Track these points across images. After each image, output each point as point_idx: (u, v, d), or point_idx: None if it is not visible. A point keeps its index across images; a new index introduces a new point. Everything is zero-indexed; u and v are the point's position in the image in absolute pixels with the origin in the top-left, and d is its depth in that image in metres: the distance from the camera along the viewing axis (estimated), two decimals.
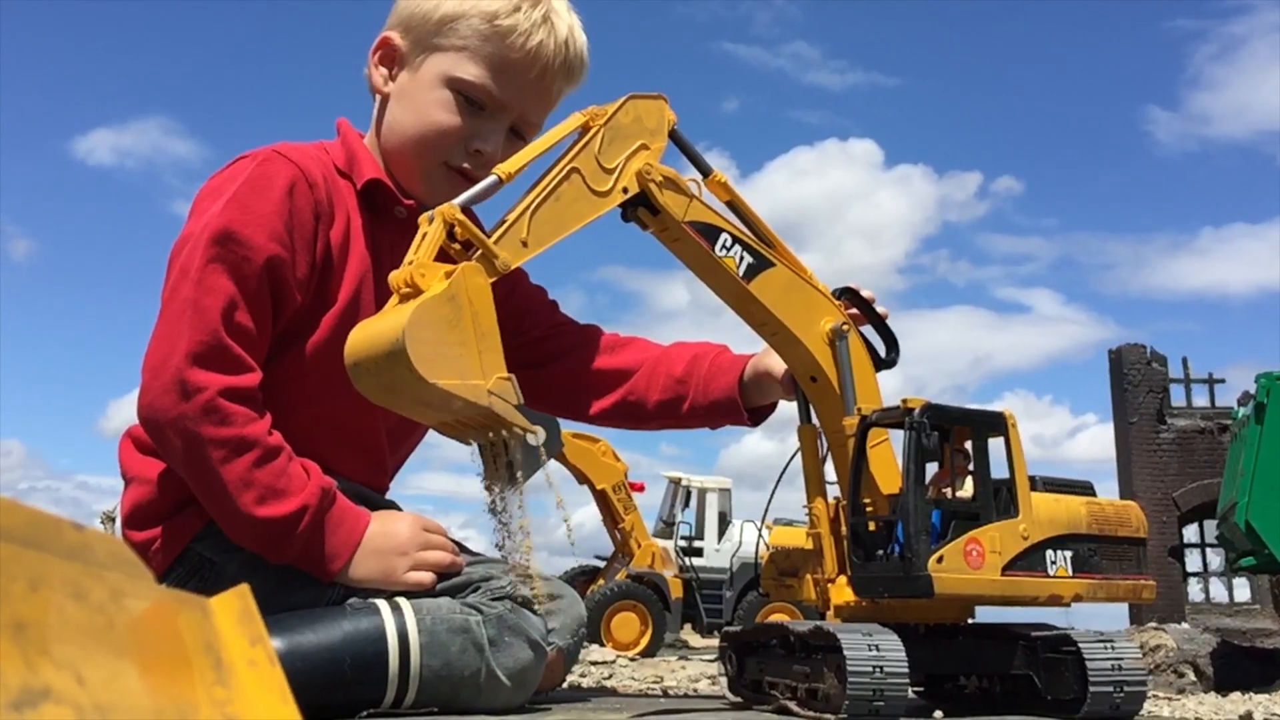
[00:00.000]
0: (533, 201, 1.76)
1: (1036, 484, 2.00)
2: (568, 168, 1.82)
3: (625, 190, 1.86)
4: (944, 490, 1.95)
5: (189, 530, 1.94)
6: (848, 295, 2.11)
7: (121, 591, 0.44)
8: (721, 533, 16.89)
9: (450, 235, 1.67)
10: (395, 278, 1.62)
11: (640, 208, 1.90)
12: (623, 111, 1.90)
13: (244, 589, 0.56)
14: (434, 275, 1.61)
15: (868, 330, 2.12)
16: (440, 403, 1.59)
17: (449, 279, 1.60)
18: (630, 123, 1.90)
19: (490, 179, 1.79)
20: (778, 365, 2.23)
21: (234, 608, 0.54)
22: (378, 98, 2.20)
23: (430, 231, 1.66)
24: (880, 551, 1.91)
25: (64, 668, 0.38)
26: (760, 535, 2.34)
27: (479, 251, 1.66)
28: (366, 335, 1.61)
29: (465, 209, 1.68)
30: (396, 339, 1.53)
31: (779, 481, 2.25)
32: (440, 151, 2.09)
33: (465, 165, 2.09)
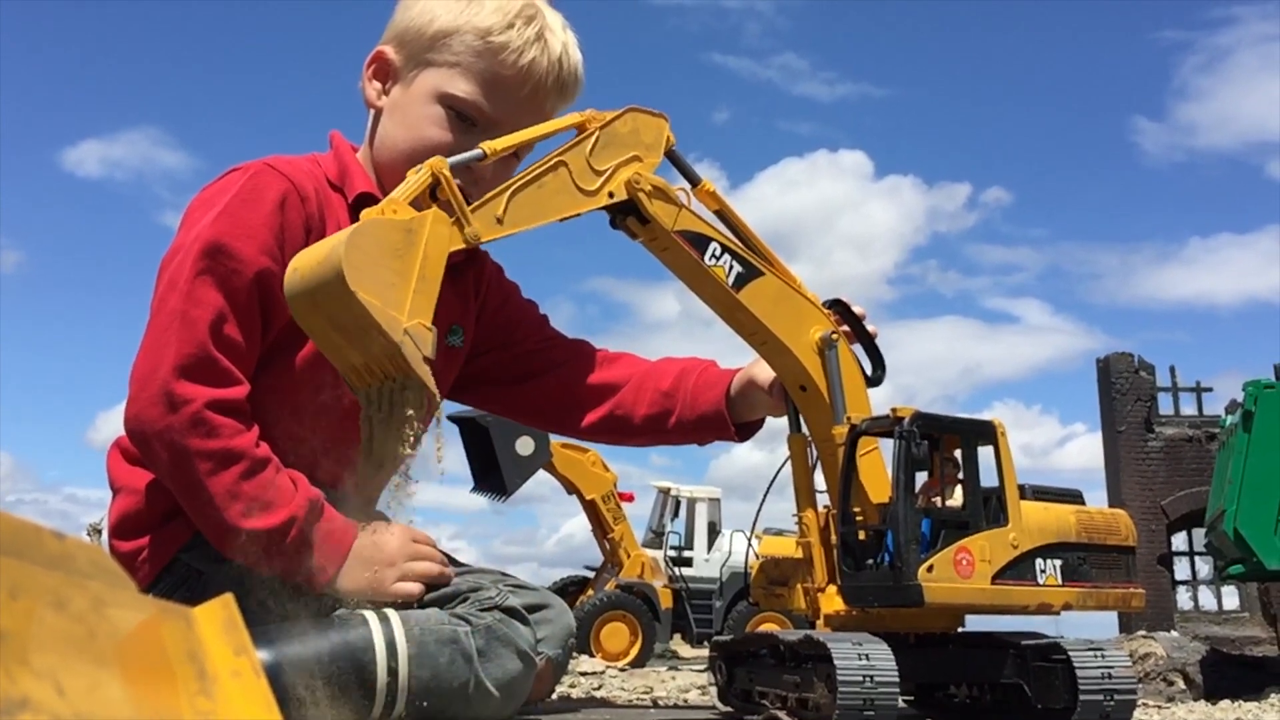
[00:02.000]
0: (515, 184, 1.76)
1: (1026, 493, 2.00)
2: (556, 160, 1.81)
3: (611, 195, 1.86)
4: (933, 499, 1.95)
5: (177, 540, 1.93)
6: (837, 308, 2.10)
7: (103, 601, 0.44)
8: (711, 543, 16.87)
9: (432, 195, 1.67)
10: (367, 212, 1.60)
11: (629, 217, 1.90)
12: (621, 121, 1.90)
13: (228, 598, 0.55)
14: (404, 214, 1.60)
15: (855, 348, 2.12)
16: (354, 324, 1.53)
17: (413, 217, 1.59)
18: (627, 133, 1.90)
19: (476, 151, 1.80)
20: (765, 375, 2.22)
21: (218, 617, 0.54)
22: (372, 111, 2.20)
23: (414, 180, 1.66)
24: (870, 560, 1.90)
25: (43, 678, 0.37)
26: (750, 545, 2.34)
27: (454, 219, 1.66)
28: (314, 247, 1.59)
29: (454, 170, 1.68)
30: (337, 243, 1.51)
31: (768, 491, 2.25)
32: None
33: (456, 182, 2.08)
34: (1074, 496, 2.11)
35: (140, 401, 1.81)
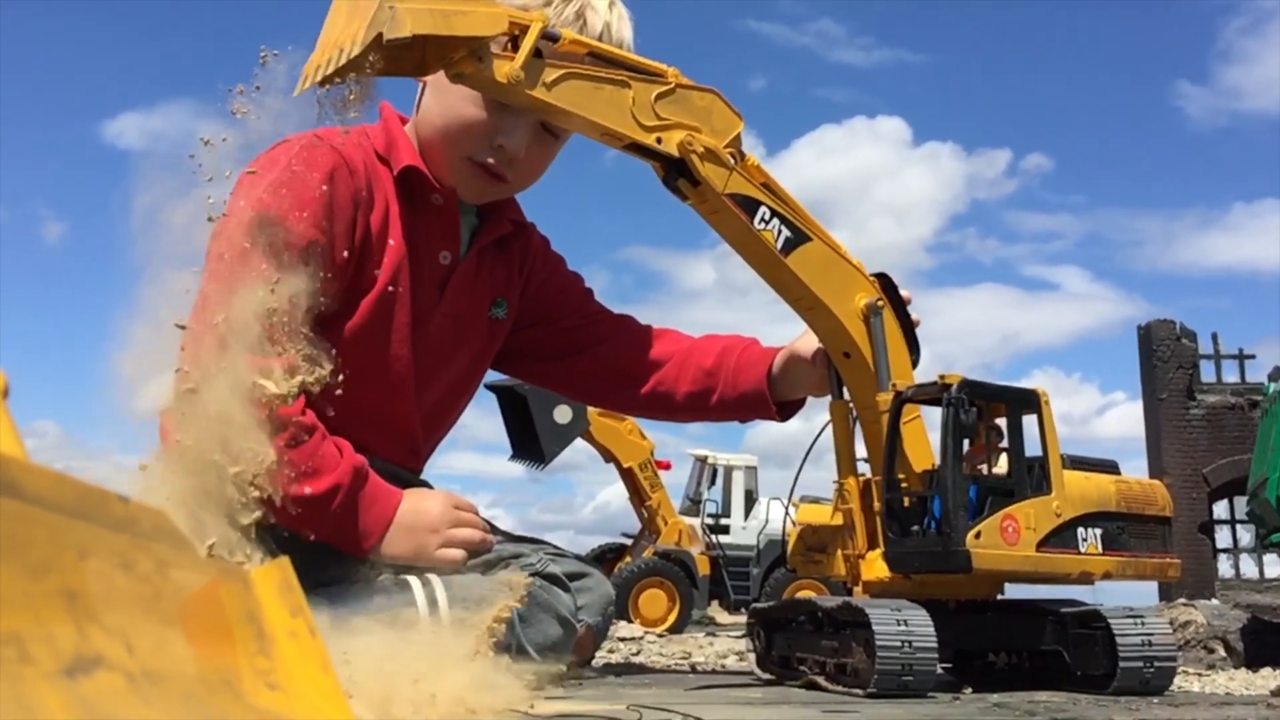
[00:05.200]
0: (577, 69, 1.76)
1: (1064, 462, 1.99)
2: (624, 78, 1.82)
3: (659, 141, 1.84)
4: (978, 467, 1.94)
5: None
6: (884, 282, 2.08)
7: (167, 562, 0.45)
8: (748, 510, 16.87)
9: (514, 41, 1.70)
10: None
11: (680, 178, 1.89)
12: (700, 95, 1.89)
13: (284, 561, 0.56)
14: None
15: None
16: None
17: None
18: (701, 107, 1.89)
19: (554, 30, 1.80)
20: (808, 346, 2.22)
21: (274, 579, 0.55)
22: (420, 84, 2.20)
23: (521, 15, 1.71)
24: (915, 527, 1.90)
25: (114, 636, 0.38)
26: (787, 512, 2.35)
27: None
28: None
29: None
30: None
31: (806, 458, 2.26)
32: (464, 146, 2.07)
33: (489, 160, 2.07)
34: (1111, 466, 2.11)
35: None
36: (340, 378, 2.00)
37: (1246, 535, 21.09)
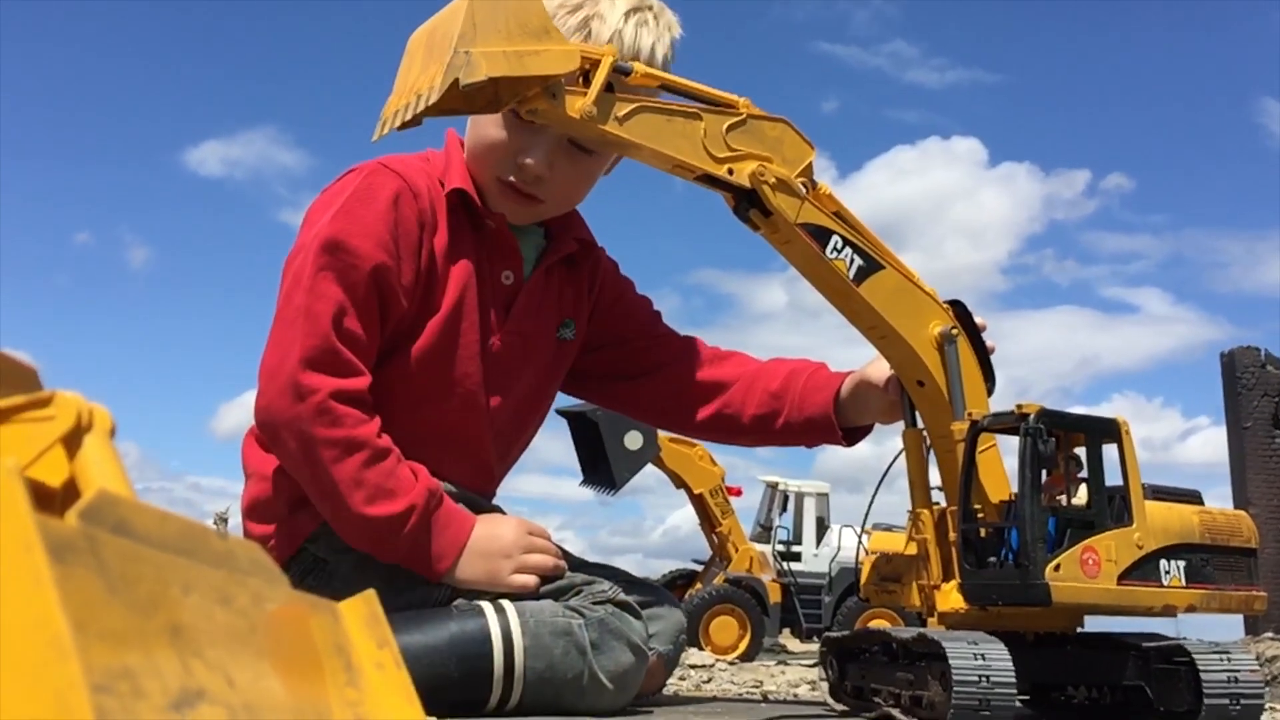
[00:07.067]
0: (650, 104, 1.78)
1: (1145, 492, 1.96)
2: (695, 110, 1.83)
3: (730, 172, 1.85)
4: (1057, 497, 1.92)
5: (303, 532, 1.99)
6: (958, 309, 2.06)
7: (261, 596, 0.46)
8: (819, 537, 16.74)
9: (586, 75, 1.72)
10: None
11: (752, 209, 1.89)
12: (771, 125, 1.90)
13: (370, 594, 0.58)
14: (558, 34, 1.70)
15: None
16: (444, 30, 1.61)
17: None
18: (773, 137, 1.90)
19: (625, 65, 1.81)
20: (880, 373, 2.20)
21: (361, 612, 0.56)
22: None
23: (592, 49, 1.76)
24: (993, 559, 1.88)
25: (215, 670, 0.40)
26: (860, 541, 2.32)
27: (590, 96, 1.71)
28: None
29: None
30: None
31: (879, 486, 2.24)
32: (491, 166, 2.09)
33: (512, 179, 2.09)
34: (1193, 497, 2.06)
35: (269, 393, 1.88)
36: (413, 399, 2.03)
37: None
